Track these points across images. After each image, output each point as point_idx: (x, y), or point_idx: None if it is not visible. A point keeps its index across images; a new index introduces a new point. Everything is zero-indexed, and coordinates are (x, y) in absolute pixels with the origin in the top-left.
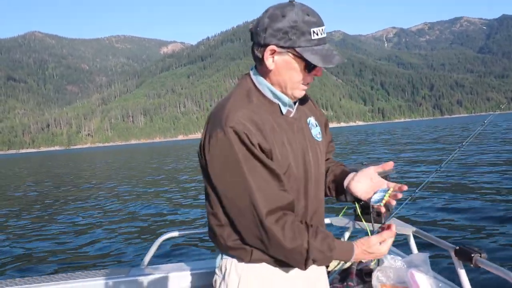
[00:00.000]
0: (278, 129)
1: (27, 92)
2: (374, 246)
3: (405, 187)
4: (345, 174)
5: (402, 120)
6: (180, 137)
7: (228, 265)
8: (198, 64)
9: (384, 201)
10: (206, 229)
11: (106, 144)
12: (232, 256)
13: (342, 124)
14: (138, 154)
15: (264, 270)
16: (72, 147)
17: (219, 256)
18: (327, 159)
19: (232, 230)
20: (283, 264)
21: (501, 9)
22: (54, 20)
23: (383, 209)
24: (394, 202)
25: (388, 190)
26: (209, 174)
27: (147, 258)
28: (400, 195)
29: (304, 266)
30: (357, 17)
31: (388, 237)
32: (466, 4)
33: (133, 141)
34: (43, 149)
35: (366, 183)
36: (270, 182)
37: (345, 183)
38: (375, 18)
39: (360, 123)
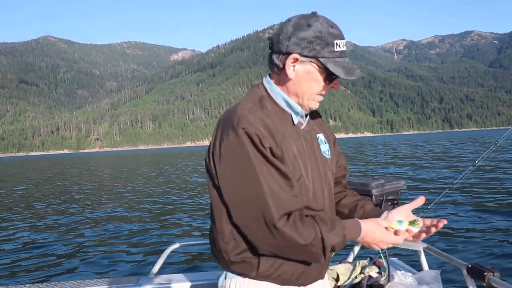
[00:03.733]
0: (289, 138)
1: (38, 95)
2: (382, 223)
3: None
4: (376, 211)
5: (411, 132)
6: (188, 144)
7: (233, 285)
8: (207, 72)
9: (405, 227)
10: None
11: (114, 149)
12: (236, 273)
13: (350, 135)
14: (147, 159)
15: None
16: (80, 151)
17: (222, 276)
18: (345, 189)
19: (237, 243)
20: (288, 281)
21: None
22: (67, 25)
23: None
24: (420, 234)
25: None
26: (216, 180)
27: (156, 267)
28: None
29: (324, 256)
30: (367, 28)
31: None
32: (477, 18)
33: (141, 147)
34: (52, 152)
35: None
36: (283, 186)
37: None
38: (385, 30)
39: (369, 134)
